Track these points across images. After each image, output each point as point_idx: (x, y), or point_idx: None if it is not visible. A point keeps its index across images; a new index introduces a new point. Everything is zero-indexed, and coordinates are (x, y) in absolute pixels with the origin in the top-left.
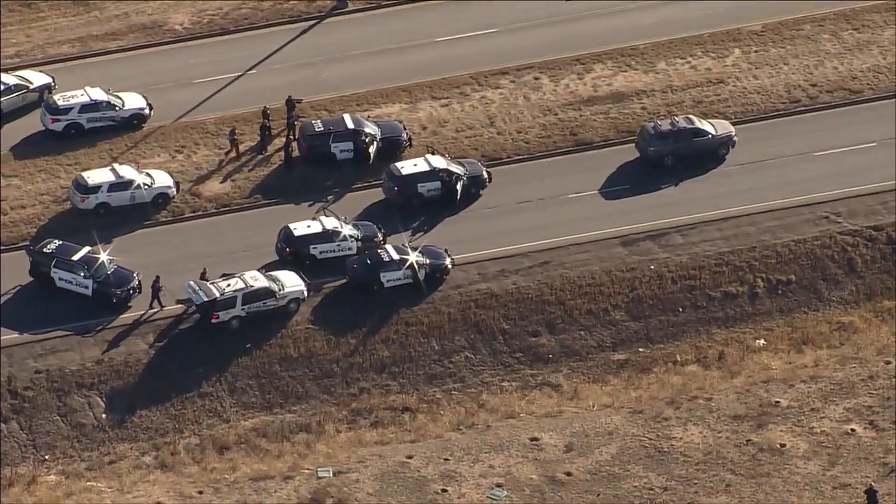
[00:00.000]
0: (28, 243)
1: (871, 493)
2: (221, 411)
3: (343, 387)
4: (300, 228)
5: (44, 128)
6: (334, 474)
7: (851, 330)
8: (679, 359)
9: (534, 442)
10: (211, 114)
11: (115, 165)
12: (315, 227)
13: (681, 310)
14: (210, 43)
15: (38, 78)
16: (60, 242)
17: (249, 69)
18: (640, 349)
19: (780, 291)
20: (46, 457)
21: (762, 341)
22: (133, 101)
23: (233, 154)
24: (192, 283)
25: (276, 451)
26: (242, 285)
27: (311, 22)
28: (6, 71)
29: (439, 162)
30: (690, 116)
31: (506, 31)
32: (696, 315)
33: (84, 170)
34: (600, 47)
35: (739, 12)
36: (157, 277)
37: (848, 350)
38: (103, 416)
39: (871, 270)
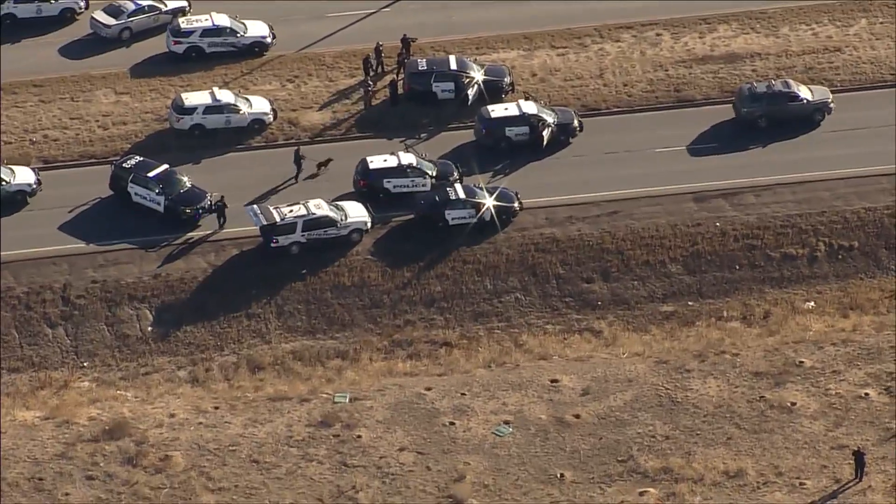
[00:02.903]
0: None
1: (858, 455)
2: (265, 333)
3: (389, 318)
4: (376, 162)
5: (167, 49)
6: (350, 400)
7: None
8: (725, 314)
9: (553, 383)
10: (334, 47)
11: (215, 89)
12: (391, 162)
13: (737, 267)
14: None
15: (173, 1)
16: (141, 159)
17: (384, 7)
18: (690, 303)
19: (840, 256)
20: (85, 364)
21: (812, 303)
22: (257, 29)
23: (363, 106)
24: (254, 206)
25: (307, 374)
26: (304, 212)
27: None
28: None
29: (530, 108)
30: (788, 80)
31: None
32: (751, 274)
33: (195, 92)
34: (731, 9)
35: None
36: (222, 196)
37: (891, 318)
38: (149, 328)
39: None
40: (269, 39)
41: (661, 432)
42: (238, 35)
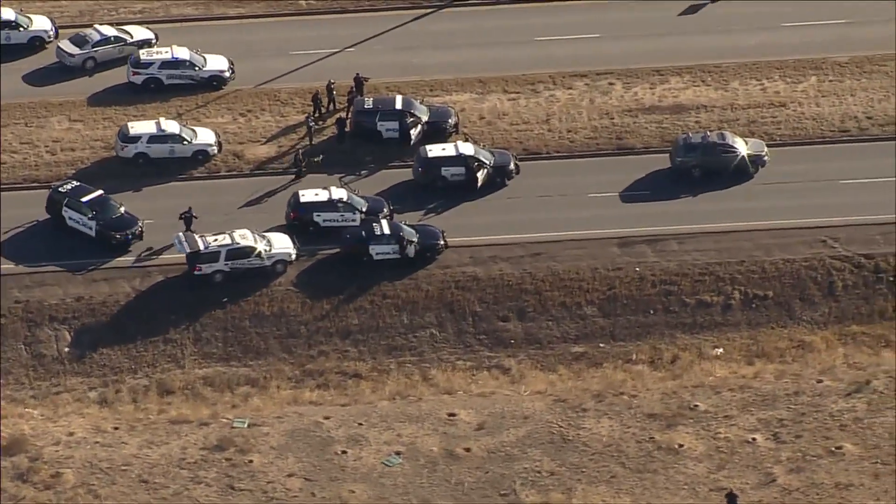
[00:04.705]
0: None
1: (731, 497)
2: (180, 358)
3: (304, 348)
4: (307, 196)
5: (128, 80)
6: (249, 426)
7: (808, 349)
8: (634, 357)
9: (450, 417)
10: (292, 84)
11: (161, 119)
12: (322, 196)
13: (652, 312)
14: (326, 19)
15: (140, 33)
16: (77, 184)
17: (349, 47)
18: (601, 344)
19: (753, 305)
20: None
21: (720, 350)
22: (216, 63)
23: (308, 141)
24: (179, 234)
25: (214, 399)
26: (228, 241)
27: (429, 10)
28: (112, 24)
29: (467, 149)
30: (724, 132)
31: (608, 37)
32: (665, 319)
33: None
34: (686, 61)
35: (836, 43)
36: (190, 208)
37: (795, 367)
38: (66, 349)
39: (849, 296)
40: (227, 74)
41: (547, 468)
42: (197, 68)
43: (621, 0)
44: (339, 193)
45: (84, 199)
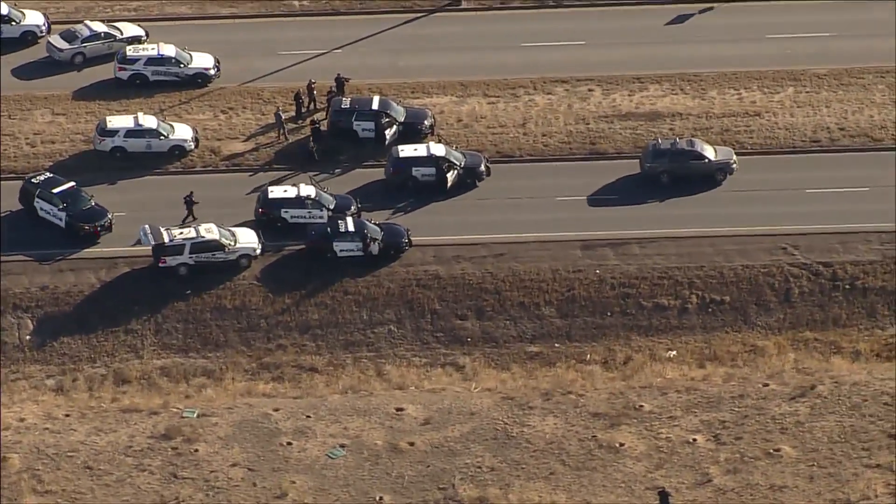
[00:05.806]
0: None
1: (662, 496)
2: (139, 348)
3: (263, 341)
4: (276, 192)
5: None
6: (198, 416)
7: (760, 353)
8: (588, 358)
9: (398, 412)
10: (277, 83)
11: (139, 114)
12: (290, 192)
13: (609, 314)
14: (317, 21)
15: (130, 30)
16: (50, 175)
17: (336, 48)
18: (556, 345)
19: (710, 310)
20: None
21: (674, 353)
22: (201, 61)
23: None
24: (145, 226)
25: (168, 390)
26: (193, 235)
27: (420, 14)
28: (104, 21)
29: (439, 150)
30: (693, 139)
31: (594, 45)
32: (621, 321)
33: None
34: (669, 70)
35: (817, 55)
36: (191, 192)
37: (744, 371)
38: (27, 337)
39: (805, 302)
40: (212, 71)
41: (488, 464)
42: (182, 65)
43: (610, 8)
44: (307, 190)
45: (55, 191)
